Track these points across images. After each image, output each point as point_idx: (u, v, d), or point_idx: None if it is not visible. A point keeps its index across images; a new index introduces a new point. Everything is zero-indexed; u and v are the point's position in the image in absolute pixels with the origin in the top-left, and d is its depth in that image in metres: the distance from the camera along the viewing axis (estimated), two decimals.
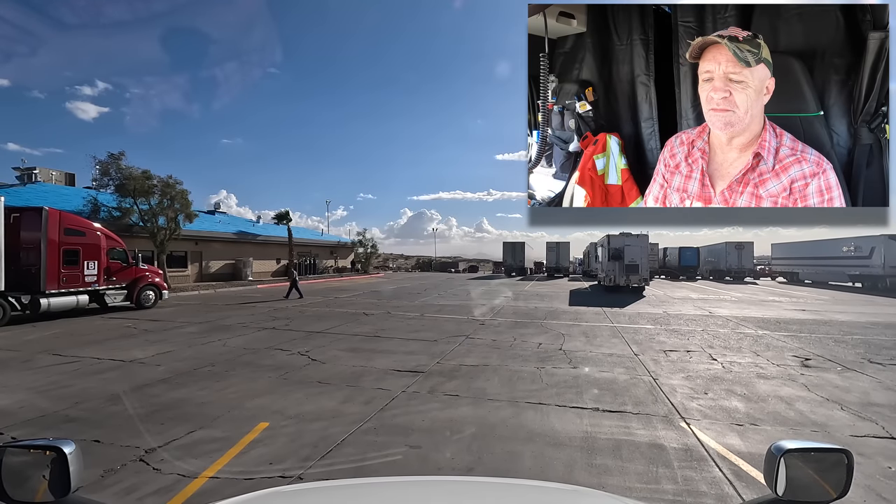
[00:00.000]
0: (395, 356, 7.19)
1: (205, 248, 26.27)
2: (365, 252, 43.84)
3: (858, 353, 7.67)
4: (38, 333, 9.35)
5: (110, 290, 13.03)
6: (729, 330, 10.19)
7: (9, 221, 10.91)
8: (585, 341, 8.65)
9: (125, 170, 18.72)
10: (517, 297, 18.63)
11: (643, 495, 2.99)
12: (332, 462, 3.45)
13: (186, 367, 6.37)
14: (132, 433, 3.98)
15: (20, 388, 5.37)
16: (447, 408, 4.73)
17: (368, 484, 1.64)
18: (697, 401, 5.04)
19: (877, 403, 5.01)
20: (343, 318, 11.66)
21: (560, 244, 38.32)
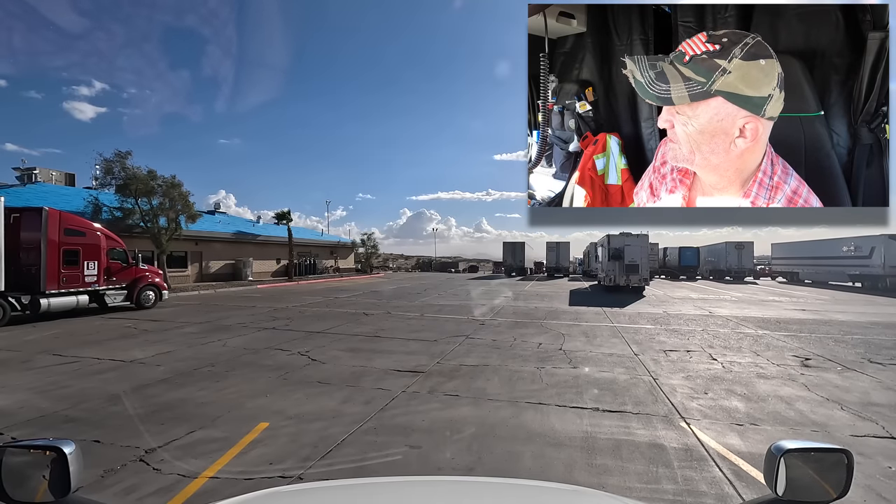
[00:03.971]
0: (395, 356, 7.18)
1: (205, 249, 26.27)
2: (365, 252, 43.84)
3: (858, 353, 7.67)
4: (38, 333, 9.35)
5: (110, 291, 13.03)
6: (729, 330, 10.19)
7: (9, 222, 10.91)
8: (585, 341, 8.65)
9: (129, 170, 18.70)
10: (517, 297, 18.62)
11: (643, 495, 2.99)
12: (332, 462, 3.45)
13: (186, 368, 6.37)
14: (132, 433, 3.98)
15: (20, 389, 5.37)
16: (447, 408, 4.72)
17: (368, 484, 1.64)
18: (697, 401, 5.04)
19: (877, 403, 5.01)
20: (343, 318, 11.66)
21: (560, 244, 38.32)
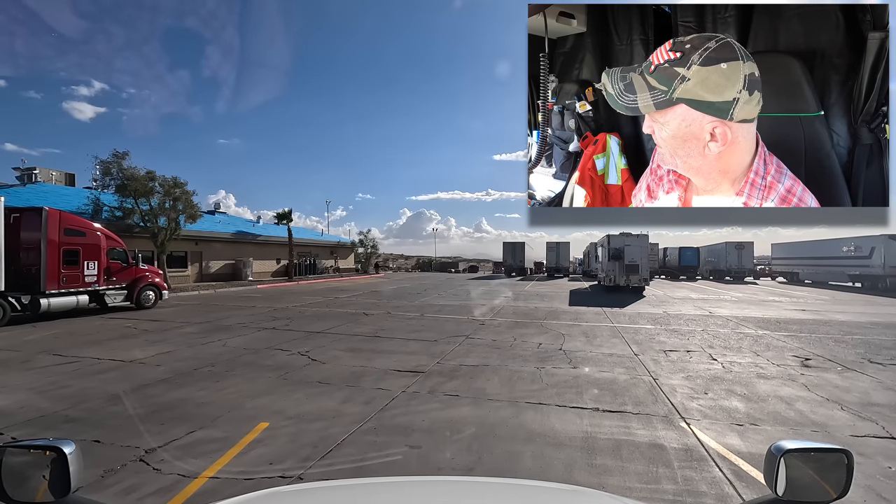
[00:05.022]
0: (395, 356, 7.18)
1: (205, 249, 26.27)
2: (365, 252, 43.83)
3: (858, 353, 7.67)
4: (38, 333, 9.35)
5: (110, 291, 13.03)
6: (729, 330, 10.19)
7: (9, 221, 10.91)
8: (585, 341, 8.65)
9: (127, 170, 18.69)
10: (517, 297, 18.62)
11: (643, 495, 2.99)
12: (332, 462, 3.45)
13: (186, 368, 6.37)
14: (132, 433, 3.98)
15: (20, 389, 5.36)
16: (447, 408, 4.72)
17: (368, 484, 1.64)
18: (697, 401, 5.04)
19: (877, 403, 5.01)
20: (343, 318, 11.66)
21: (560, 244, 38.32)
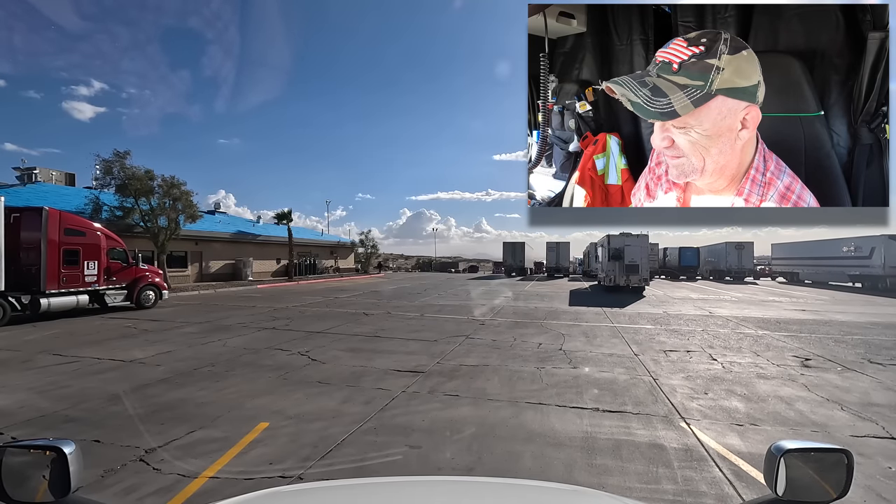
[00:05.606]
0: (395, 356, 7.18)
1: (205, 248, 26.27)
2: (365, 252, 43.83)
3: (858, 354, 7.67)
4: (38, 333, 9.35)
5: (110, 290, 13.03)
6: (729, 330, 10.19)
7: (9, 221, 10.91)
8: (585, 341, 8.65)
9: (128, 169, 18.69)
10: (517, 297, 18.62)
11: (643, 495, 2.99)
12: (332, 462, 3.45)
13: (186, 368, 6.37)
14: (132, 433, 3.98)
15: (20, 388, 5.36)
16: (447, 408, 4.72)
17: (368, 484, 1.64)
18: (697, 401, 5.04)
19: (877, 403, 5.01)
20: (343, 318, 11.66)
21: (560, 244, 38.32)
